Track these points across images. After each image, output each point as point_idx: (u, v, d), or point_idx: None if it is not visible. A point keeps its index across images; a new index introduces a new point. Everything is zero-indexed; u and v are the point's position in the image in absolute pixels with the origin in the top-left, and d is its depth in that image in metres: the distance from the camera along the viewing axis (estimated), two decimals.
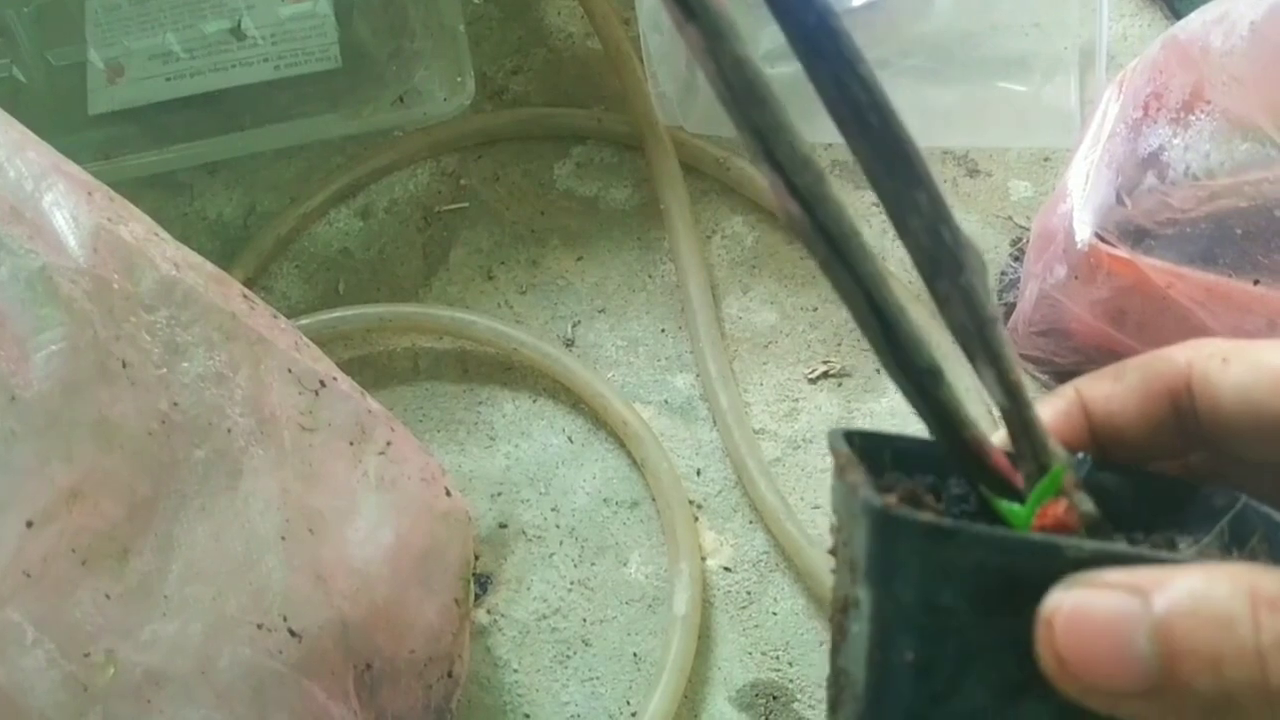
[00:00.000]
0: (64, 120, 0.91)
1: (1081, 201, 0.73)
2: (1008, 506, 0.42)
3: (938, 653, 0.37)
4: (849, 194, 0.90)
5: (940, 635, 0.37)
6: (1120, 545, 0.38)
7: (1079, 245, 0.72)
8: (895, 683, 0.38)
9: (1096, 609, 0.34)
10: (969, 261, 0.40)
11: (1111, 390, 0.47)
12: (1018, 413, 0.42)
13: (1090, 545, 0.35)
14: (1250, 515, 0.44)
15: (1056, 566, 0.35)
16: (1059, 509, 0.41)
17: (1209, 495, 0.46)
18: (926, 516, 0.36)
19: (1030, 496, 0.41)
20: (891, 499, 0.38)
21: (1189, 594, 0.33)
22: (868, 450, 0.44)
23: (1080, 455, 0.47)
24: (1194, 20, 0.72)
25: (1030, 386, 0.78)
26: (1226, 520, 0.44)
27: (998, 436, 0.44)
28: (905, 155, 0.38)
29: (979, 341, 0.41)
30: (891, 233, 0.88)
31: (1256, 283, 0.70)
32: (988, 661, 0.37)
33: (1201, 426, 0.46)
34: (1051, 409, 0.48)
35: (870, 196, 0.90)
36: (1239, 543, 0.44)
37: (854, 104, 0.37)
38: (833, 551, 0.45)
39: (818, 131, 0.38)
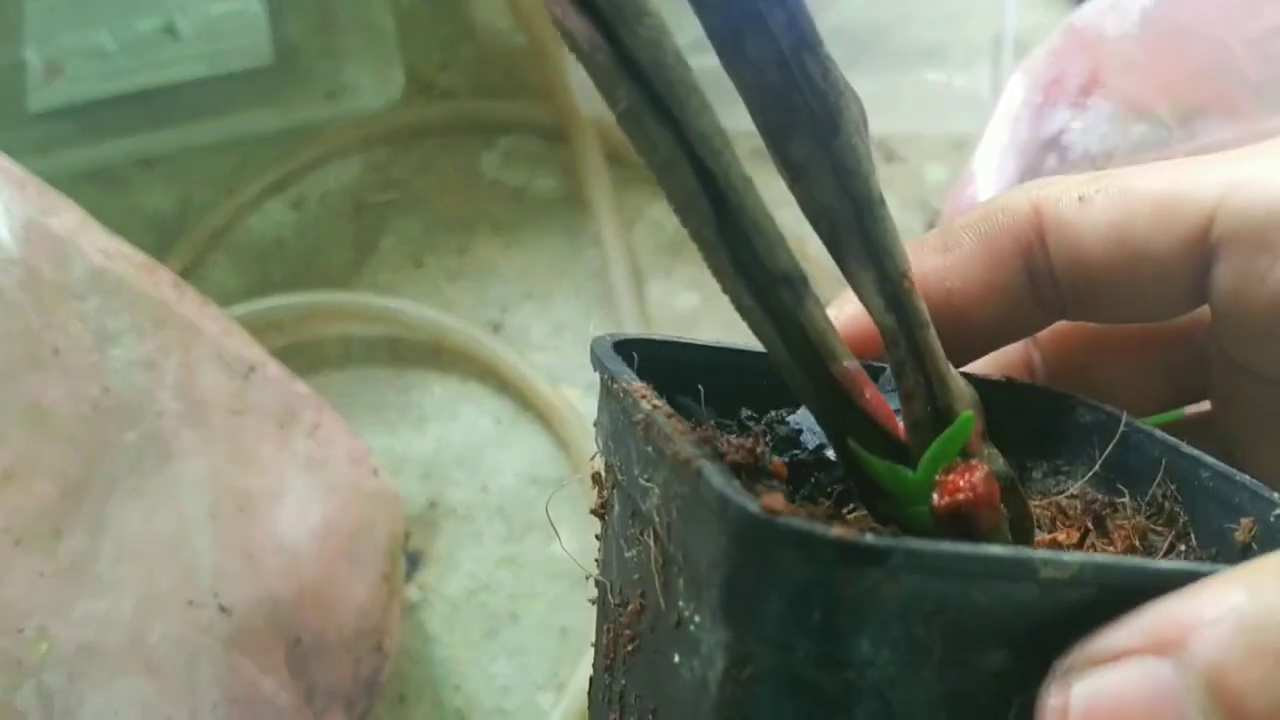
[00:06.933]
0: (3, 118, 0.92)
1: (986, 185, 0.76)
2: (892, 470, 0.30)
3: None
4: None
5: (844, 703, 0.26)
6: (1105, 557, 0.27)
7: None
8: None
9: (1124, 698, 0.25)
10: (847, 112, 0.28)
11: (943, 264, 0.38)
12: (906, 333, 0.30)
13: (1072, 560, 0.25)
14: (1138, 442, 0.35)
15: (1023, 595, 0.25)
16: (974, 476, 0.29)
17: (1070, 408, 0.37)
18: (840, 532, 0.24)
19: (926, 456, 0.30)
20: (777, 500, 0.25)
21: (1236, 626, 0.24)
22: (647, 368, 0.33)
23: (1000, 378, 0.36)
24: (1090, 8, 0.75)
25: None
26: (1105, 450, 0.35)
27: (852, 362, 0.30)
28: None
29: (855, 231, 0.29)
30: None
31: None
32: None
33: (1060, 286, 0.37)
34: (851, 307, 0.36)
35: None
36: (1126, 477, 0.35)
37: None
38: (600, 513, 0.35)
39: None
